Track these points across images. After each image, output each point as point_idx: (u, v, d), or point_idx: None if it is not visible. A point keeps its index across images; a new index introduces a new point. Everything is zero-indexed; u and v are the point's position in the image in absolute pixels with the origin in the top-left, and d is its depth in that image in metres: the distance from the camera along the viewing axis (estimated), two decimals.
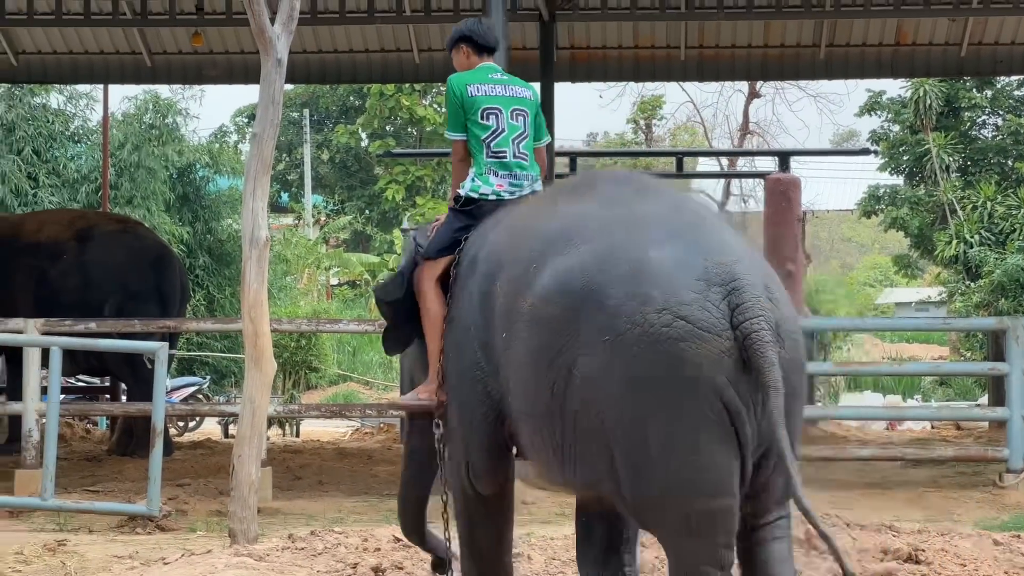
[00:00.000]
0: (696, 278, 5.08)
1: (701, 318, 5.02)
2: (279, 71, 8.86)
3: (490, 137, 6.54)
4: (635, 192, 5.62)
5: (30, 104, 32.45)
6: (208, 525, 11.03)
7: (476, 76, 6.69)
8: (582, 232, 5.42)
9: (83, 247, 15.90)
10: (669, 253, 5.15)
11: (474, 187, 6.52)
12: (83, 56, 20.07)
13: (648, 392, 5.04)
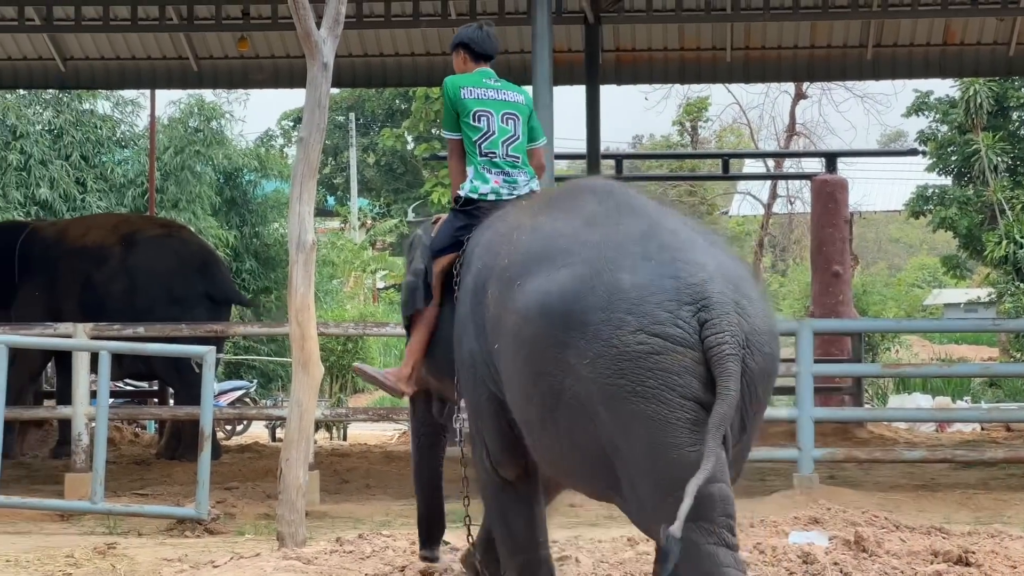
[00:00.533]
0: (668, 299, 5.37)
1: (673, 334, 5.31)
2: (325, 75, 8.87)
3: (481, 139, 6.83)
4: (615, 208, 5.86)
5: (78, 110, 32.63)
6: (256, 528, 11.05)
7: (470, 80, 7.01)
8: (563, 253, 5.69)
9: (128, 252, 15.95)
10: (642, 278, 5.43)
11: (473, 187, 6.79)
12: (130, 62, 20.18)
13: (632, 404, 5.29)
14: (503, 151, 6.84)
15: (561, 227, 5.86)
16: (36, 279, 16.01)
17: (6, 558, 9.63)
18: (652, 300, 5.38)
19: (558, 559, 7.12)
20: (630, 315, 5.37)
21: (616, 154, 27.41)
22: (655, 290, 5.40)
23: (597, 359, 5.37)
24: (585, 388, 5.41)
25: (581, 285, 5.51)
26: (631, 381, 5.31)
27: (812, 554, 7.18)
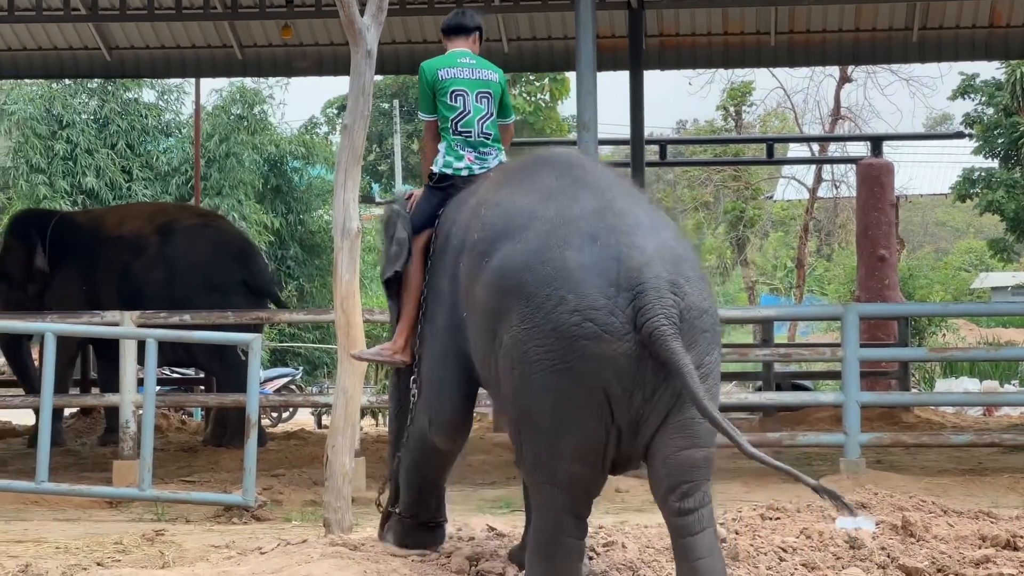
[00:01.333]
0: (608, 284, 5.83)
1: (607, 322, 5.77)
2: (369, 62, 8.87)
3: (457, 117, 7.22)
4: (572, 183, 6.31)
5: (123, 99, 32.78)
6: (303, 515, 11.09)
7: (446, 61, 7.39)
8: (520, 228, 6.15)
9: (166, 240, 16.01)
10: (588, 258, 5.90)
11: (447, 163, 7.21)
12: (175, 50, 20.24)
13: (549, 376, 5.83)
14: (478, 129, 7.23)
15: (520, 202, 6.32)
16: (71, 268, 16.07)
17: (56, 544, 9.69)
18: (593, 283, 5.83)
19: (604, 545, 7.12)
20: (571, 294, 5.84)
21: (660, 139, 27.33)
22: (597, 272, 5.85)
23: (534, 328, 5.88)
24: (517, 348, 5.93)
25: (532, 259, 6.00)
26: (557, 358, 5.82)
27: (859, 539, 7.16)
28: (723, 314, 20.04)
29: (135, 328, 12.63)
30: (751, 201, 36.95)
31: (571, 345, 5.80)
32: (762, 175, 37.50)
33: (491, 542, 7.22)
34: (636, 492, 12.44)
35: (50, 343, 11.56)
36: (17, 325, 13.52)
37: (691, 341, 5.83)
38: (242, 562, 7.02)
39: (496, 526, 7.48)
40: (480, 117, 7.26)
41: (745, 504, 8.80)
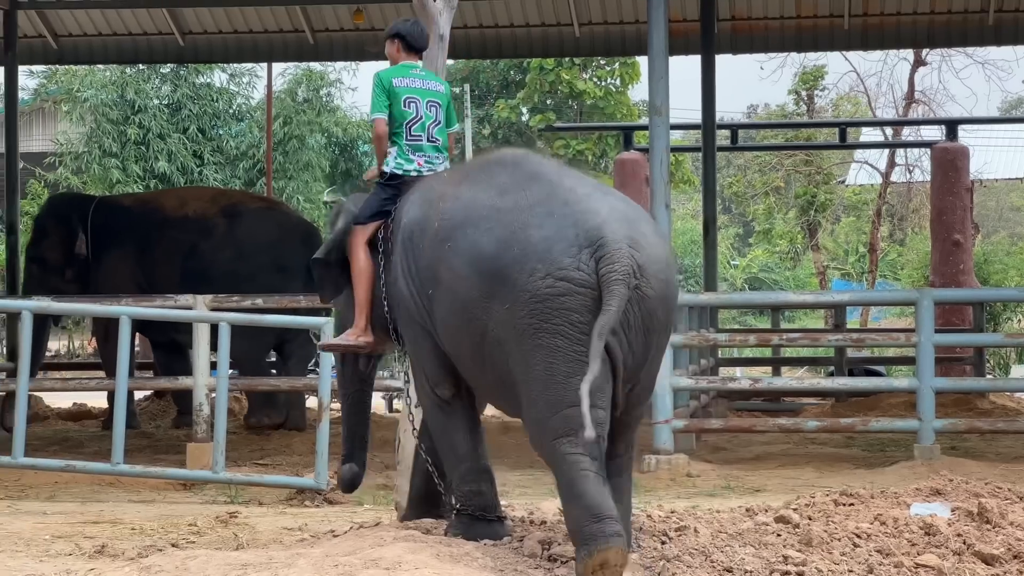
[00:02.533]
0: (570, 246, 6.52)
1: (576, 277, 6.47)
2: (441, 47, 8.88)
3: (410, 122, 7.75)
4: (523, 178, 6.92)
5: (195, 84, 32.94)
6: (375, 498, 11.12)
7: (400, 71, 7.91)
8: (483, 219, 6.80)
9: (232, 222, 16.09)
10: (548, 231, 6.58)
11: (398, 164, 7.72)
12: (247, 35, 20.32)
13: (538, 339, 6.47)
14: (428, 134, 7.77)
15: (479, 196, 6.94)
16: (119, 250, 16.13)
17: (131, 526, 9.77)
18: (557, 248, 6.54)
19: (676, 530, 7.11)
20: (540, 263, 6.53)
21: (731, 124, 27.22)
22: (559, 239, 6.56)
23: (514, 304, 6.55)
24: (503, 330, 6.60)
25: (501, 246, 6.67)
26: (539, 319, 6.48)
27: (934, 525, 7.11)
28: (796, 299, 20.09)
29: (208, 312, 12.70)
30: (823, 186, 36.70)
31: (554, 303, 6.48)
32: (834, 160, 37.23)
33: (563, 525, 7.20)
34: (707, 477, 12.43)
35: (125, 327, 11.65)
36: (93, 308, 13.63)
37: (655, 291, 6.55)
38: (315, 544, 7.06)
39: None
40: (430, 123, 7.80)
41: (818, 489, 8.76)
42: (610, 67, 45.53)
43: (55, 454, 13.59)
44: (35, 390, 14.70)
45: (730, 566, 6.59)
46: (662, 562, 6.63)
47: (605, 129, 41.61)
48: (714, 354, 17.78)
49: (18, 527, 9.87)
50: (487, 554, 6.67)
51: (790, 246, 41.08)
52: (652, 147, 13.17)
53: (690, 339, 13.54)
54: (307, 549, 6.84)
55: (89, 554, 8.56)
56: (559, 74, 44.74)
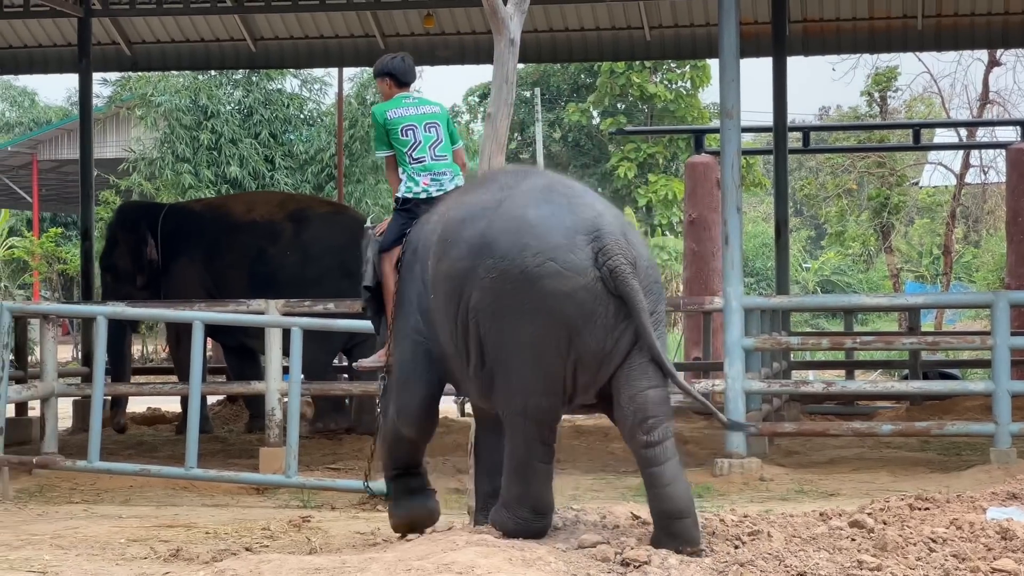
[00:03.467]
0: (565, 228, 6.78)
1: (567, 259, 6.72)
2: (512, 51, 8.87)
3: (410, 149, 8.20)
4: (521, 176, 7.34)
5: (267, 89, 33.11)
6: (447, 502, 11.10)
7: (392, 104, 8.37)
8: (482, 211, 7.10)
9: (299, 227, 16.17)
10: (545, 212, 6.87)
11: (407, 189, 8.17)
12: (318, 40, 20.41)
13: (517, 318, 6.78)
14: (431, 154, 8.19)
15: (481, 198, 7.26)
16: (189, 256, 16.25)
17: (205, 530, 9.82)
18: (552, 229, 6.80)
19: (749, 534, 7.08)
20: (533, 240, 6.77)
21: (803, 126, 27.09)
22: (555, 222, 6.82)
23: (501, 275, 6.81)
24: (481, 299, 6.88)
25: (494, 220, 6.96)
26: (525, 299, 6.75)
27: (1011, 530, 7.04)
28: (870, 302, 19.95)
29: (280, 316, 12.75)
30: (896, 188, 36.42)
31: (536, 285, 6.73)
32: (907, 161, 36.97)
33: (635, 530, 7.19)
34: (780, 480, 12.37)
35: (198, 332, 11.72)
36: (166, 314, 13.71)
37: (646, 289, 6.82)
38: (388, 549, 7.07)
39: (640, 514, 7.45)
40: (431, 144, 8.21)
41: (892, 494, 8.70)
42: (681, 70, 45.46)
43: (130, 458, 13.69)
44: (110, 395, 14.80)
45: (804, 571, 6.55)
46: (735, 566, 6.60)
47: (676, 132, 41.54)
48: (786, 357, 17.69)
49: (94, 531, 9.96)
50: (560, 558, 6.66)
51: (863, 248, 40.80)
52: (723, 150, 13.11)
53: (762, 342, 13.47)
54: (380, 553, 6.85)
55: (164, 558, 8.61)
56: (629, 77, 44.71)
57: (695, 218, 22.01)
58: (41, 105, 56.23)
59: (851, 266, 46.06)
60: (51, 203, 46.45)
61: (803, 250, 49.44)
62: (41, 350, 12.93)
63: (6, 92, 55.34)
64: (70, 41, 19.82)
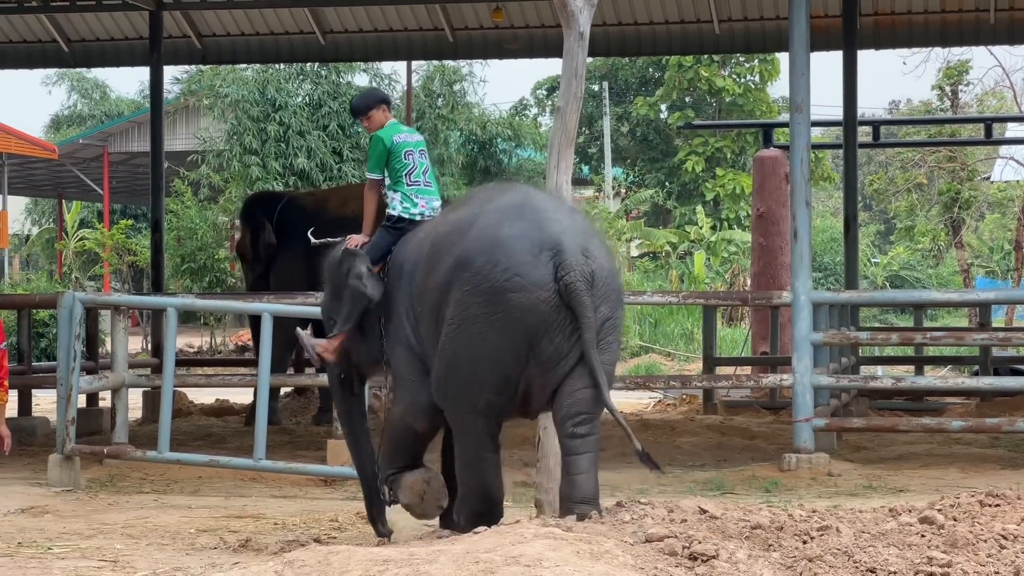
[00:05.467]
0: (532, 246, 7.57)
1: (532, 275, 7.52)
2: (582, 44, 8.87)
3: (409, 171, 8.75)
4: (499, 192, 8.13)
5: (335, 82, 33.21)
6: (514, 496, 11.13)
7: (393, 130, 8.90)
8: (463, 227, 7.87)
9: None
10: (515, 231, 7.64)
11: (404, 209, 8.70)
12: (387, 33, 20.43)
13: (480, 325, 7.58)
14: (424, 179, 8.80)
15: (463, 214, 8.04)
16: (294, 248, 16.34)
17: (274, 521, 9.88)
18: (520, 247, 7.58)
19: (818, 529, 7.05)
20: (503, 257, 7.57)
21: (873, 120, 26.91)
22: (524, 239, 7.60)
23: (475, 288, 7.61)
24: (459, 307, 7.66)
25: (473, 238, 7.74)
26: (492, 311, 7.55)
27: None
28: (940, 297, 19.84)
29: None
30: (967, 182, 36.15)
31: (503, 298, 7.53)
32: (978, 155, 36.70)
33: (703, 524, 7.18)
34: (849, 476, 12.31)
35: (267, 323, 11.78)
36: (234, 305, 13.79)
37: (604, 297, 7.60)
38: (456, 541, 7.08)
39: (708, 508, 7.43)
40: (424, 170, 8.83)
41: (962, 490, 8.64)
42: (749, 64, 45.28)
43: (199, 449, 13.77)
44: (179, 386, 14.90)
45: (873, 566, 6.52)
46: (804, 561, 6.58)
47: (744, 126, 41.36)
48: (855, 353, 17.60)
49: (164, 520, 10.04)
50: (628, 552, 6.65)
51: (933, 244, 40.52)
52: (792, 144, 13.07)
53: (831, 337, 13.42)
54: (448, 546, 6.86)
55: (233, 548, 8.67)
56: (698, 71, 44.56)
57: (763, 212, 21.92)
58: (112, 98, 56.73)
59: (920, 261, 45.75)
60: (121, 195, 46.84)
61: (872, 245, 49.15)
62: (112, 341, 13.04)
63: (78, 85, 55.82)
64: (142, 34, 19.95)
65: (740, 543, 6.83)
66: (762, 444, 14.63)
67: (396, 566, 6.40)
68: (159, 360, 15.68)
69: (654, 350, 31.32)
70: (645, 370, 27.77)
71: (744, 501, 9.62)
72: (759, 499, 10.73)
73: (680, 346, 31.85)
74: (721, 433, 15.52)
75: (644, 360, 29.84)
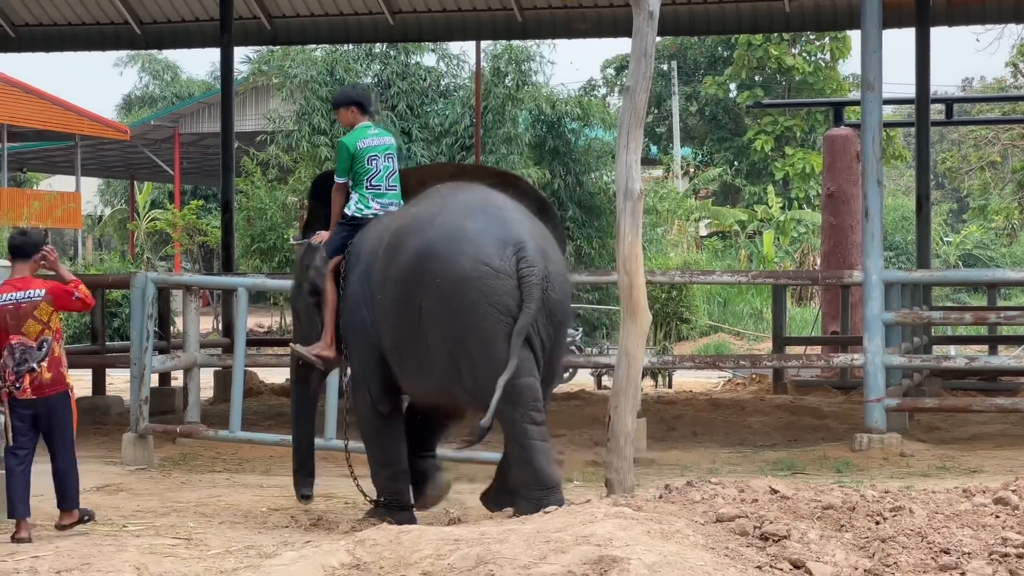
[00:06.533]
0: (497, 239, 8.19)
1: (498, 265, 8.12)
2: (651, 24, 8.83)
3: (371, 176, 9.26)
4: (460, 190, 8.78)
5: (404, 62, 33.25)
6: (584, 476, 11.15)
7: (360, 134, 9.35)
8: (426, 221, 8.51)
9: None
10: (480, 224, 8.29)
11: (358, 209, 9.24)
12: (456, 14, 20.42)
13: (468, 315, 8.12)
14: (386, 183, 9.31)
15: (425, 208, 8.68)
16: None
17: (344, 500, 9.94)
18: (486, 240, 8.19)
19: (891, 510, 7.01)
20: (470, 247, 8.17)
21: (946, 98, 26.71)
22: (488, 233, 8.22)
23: (445, 279, 8.18)
24: (434, 302, 8.22)
25: (438, 230, 8.36)
26: (466, 298, 8.10)
27: None
28: (1015, 276, 19.63)
29: None
30: None
31: (476, 284, 8.10)
32: None
33: (774, 504, 7.15)
34: (921, 456, 12.25)
35: None
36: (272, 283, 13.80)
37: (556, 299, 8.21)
38: (527, 521, 7.09)
39: (779, 487, 7.40)
40: (387, 174, 9.32)
41: None
42: (819, 42, 45.01)
43: (270, 428, 13.83)
44: (250, 366, 14.97)
45: (947, 547, 6.48)
46: (877, 542, 6.55)
47: (814, 105, 41.17)
48: (927, 332, 17.49)
49: (237, 499, 10.11)
50: (698, 531, 6.64)
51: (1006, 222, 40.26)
52: (864, 123, 12.98)
53: (903, 316, 13.34)
54: (519, 525, 6.88)
55: (305, 527, 8.73)
56: (767, 50, 44.36)
57: (833, 191, 21.79)
58: (183, 79, 57.03)
59: (994, 240, 45.40)
60: (192, 176, 47.15)
61: (944, 224, 48.82)
62: (184, 321, 13.11)
63: (149, 66, 56.16)
64: (212, 16, 20.03)
65: (812, 523, 6.80)
66: (832, 424, 14.56)
67: (467, 545, 6.42)
68: (230, 340, 15.76)
69: (723, 330, 31.24)
70: (714, 349, 27.71)
71: (815, 481, 9.57)
72: (830, 479, 10.68)
73: (749, 326, 31.77)
74: (791, 413, 15.46)
75: (713, 339, 29.78)
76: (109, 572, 7.14)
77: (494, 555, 6.22)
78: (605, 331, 30.74)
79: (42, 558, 7.43)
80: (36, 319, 8.56)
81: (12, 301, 8.56)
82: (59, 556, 7.46)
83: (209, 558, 7.59)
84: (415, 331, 8.37)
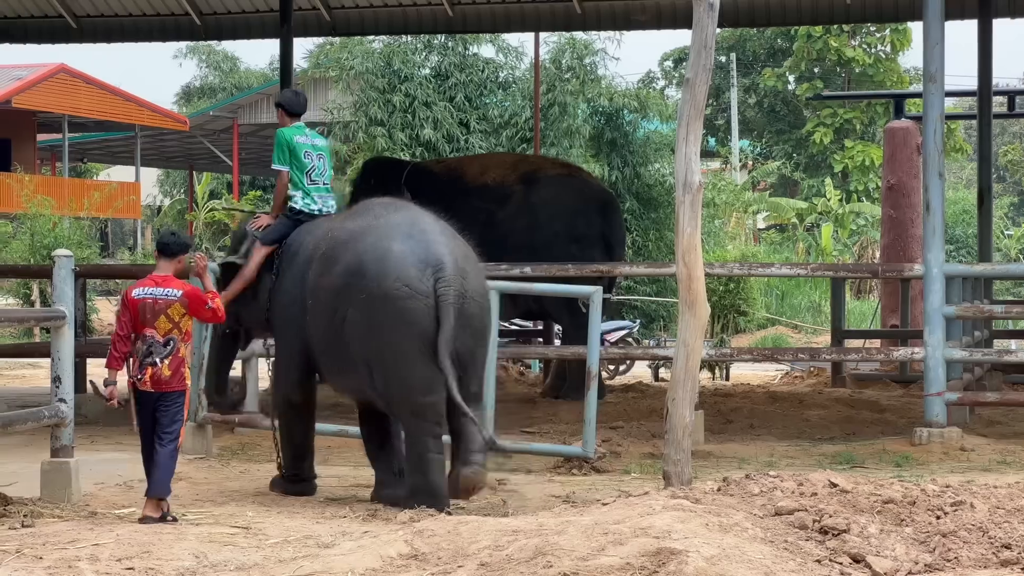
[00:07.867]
0: (418, 261, 8.95)
1: (418, 287, 8.89)
2: (711, 15, 8.81)
3: (310, 171, 9.98)
4: (392, 210, 9.46)
5: (462, 53, 33.26)
6: (642, 467, 11.13)
7: (296, 131, 10.10)
8: (357, 237, 9.22)
9: (530, 190, 16.07)
10: (404, 247, 9.02)
11: (304, 204, 9.95)
12: (515, 5, 20.37)
13: (386, 331, 8.91)
14: (321, 181, 10.02)
15: (359, 223, 9.39)
16: None
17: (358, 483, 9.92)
18: (408, 262, 8.94)
19: (952, 504, 6.96)
20: (393, 269, 8.94)
21: (1008, 90, 26.52)
22: (411, 255, 8.97)
23: (369, 296, 8.94)
24: (358, 315, 8.99)
25: (367, 249, 9.10)
26: (386, 316, 8.89)
27: None
28: None
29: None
30: None
31: (396, 304, 8.88)
32: None
33: (833, 497, 7.12)
34: (982, 451, 12.17)
35: None
36: None
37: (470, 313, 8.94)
38: (584, 513, 7.09)
39: (838, 481, 7.36)
40: (322, 172, 10.02)
41: None
42: (880, 33, 44.77)
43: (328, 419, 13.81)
44: None
45: (1008, 542, 6.45)
46: (938, 536, 6.51)
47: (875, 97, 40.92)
48: (988, 326, 17.37)
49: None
50: (757, 524, 6.63)
51: None
52: (925, 115, 12.91)
53: (964, 310, 13.25)
54: (576, 517, 6.87)
55: (363, 517, 8.74)
56: (827, 41, 44.14)
57: (894, 184, 21.68)
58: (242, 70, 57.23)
59: None
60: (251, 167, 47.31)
61: (1005, 217, 48.47)
62: None
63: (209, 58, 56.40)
64: (272, 7, 20.06)
65: (871, 517, 6.77)
66: (892, 418, 14.48)
67: (525, 536, 6.42)
68: None
69: (780, 322, 31.14)
70: (772, 342, 27.62)
71: (874, 475, 9.52)
72: (890, 473, 10.62)
73: (807, 318, 31.65)
74: (850, 406, 15.39)
75: (771, 332, 29.69)
76: (169, 560, 7.18)
77: (552, 546, 6.22)
78: (662, 323, 30.68)
79: (103, 546, 7.47)
80: (168, 317, 8.75)
81: (151, 296, 8.78)
82: (119, 544, 7.50)
83: (268, 547, 7.61)
84: (339, 338, 9.14)
